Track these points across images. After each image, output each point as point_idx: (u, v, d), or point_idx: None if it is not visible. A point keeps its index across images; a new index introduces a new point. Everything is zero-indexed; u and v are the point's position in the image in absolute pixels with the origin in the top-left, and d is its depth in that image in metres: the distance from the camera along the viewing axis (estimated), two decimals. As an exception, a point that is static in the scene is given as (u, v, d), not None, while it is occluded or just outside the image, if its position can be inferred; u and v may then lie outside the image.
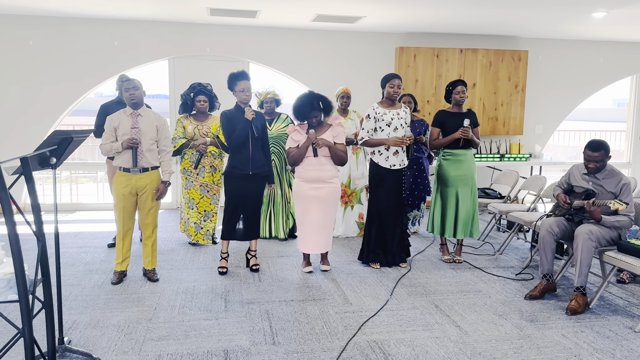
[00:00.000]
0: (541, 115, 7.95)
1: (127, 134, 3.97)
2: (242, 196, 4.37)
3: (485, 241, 5.69)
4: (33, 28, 6.58)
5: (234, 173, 4.33)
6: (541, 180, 5.40)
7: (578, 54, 7.90)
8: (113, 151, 3.97)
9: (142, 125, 4.01)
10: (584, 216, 3.93)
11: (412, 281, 4.35)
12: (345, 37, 7.29)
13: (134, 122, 3.99)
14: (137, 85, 3.99)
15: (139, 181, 4.03)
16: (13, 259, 1.86)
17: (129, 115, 4.01)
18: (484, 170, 7.69)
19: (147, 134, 4.01)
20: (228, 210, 4.40)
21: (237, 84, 4.26)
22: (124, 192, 4.02)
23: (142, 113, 4.04)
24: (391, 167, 4.58)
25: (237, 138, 4.24)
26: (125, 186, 4.01)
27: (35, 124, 6.68)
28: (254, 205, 4.44)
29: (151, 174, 4.07)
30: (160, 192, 4.10)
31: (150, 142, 4.03)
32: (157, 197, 4.10)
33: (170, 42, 6.87)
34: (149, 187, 4.06)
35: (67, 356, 2.93)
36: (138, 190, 4.05)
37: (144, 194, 4.07)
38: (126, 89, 3.98)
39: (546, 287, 4.00)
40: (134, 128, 3.98)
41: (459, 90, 4.64)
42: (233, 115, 4.31)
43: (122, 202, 4.04)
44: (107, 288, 4.08)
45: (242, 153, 4.32)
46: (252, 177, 4.35)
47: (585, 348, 3.17)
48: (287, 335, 3.28)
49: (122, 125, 3.98)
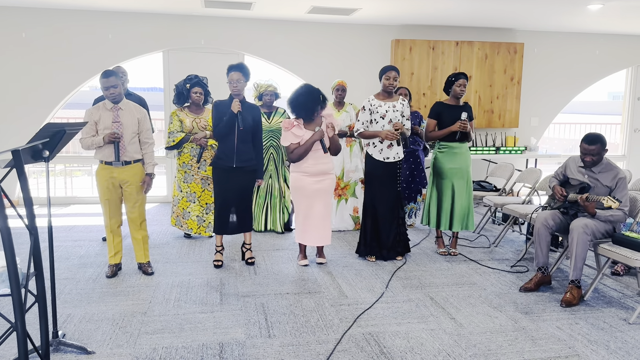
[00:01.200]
0: (537, 107, 7.96)
1: (108, 128, 3.93)
2: (230, 189, 4.34)
3: (480, 234, 5.70)
4: (26, 20, 6.51)
5: (219, 164, 4.31)
6: (536, 173, 5.41)
7: (574, 47, 7.89)
8: (94, 145, 3.93)
9: (124, 119, 3.96)
10: (578, 209, 3.94)
11: (408, 274, 4.36)
12: (341, 29, 7.25)
13: (115, 115, 3.94)
14: (117, 83, 3.89)
15: (121, 174, 3.99)
16: (5, 253, 1.85)
17: (109, 110, 3.96)
18: (479, 163, 7.69)
19: (128, 128, 3.97)
20: (217, 203, 4.38)
21: (229, 74, 4.24)
22: (107, 185, 3.99)
23: (123, 107, 3.98)
24: (385, 160, 4.56)
25: (222, 129, 4.22)
26: (107, 179, 3.98)
27: (28, 117, 6.63)
28: (242, 199, 4.40)
29: (134, 167, 4.03)
30: (147, 184, 4.08)
31: (132, 135, 3.98)
32: (145, 190, 4.08)
33: (164, 34, 6.82)
34: (132, 180, 4.03)
35: (62, 350, 2.92)
36: (121, 183, 4.02)
37: (128, 187, 4.04)
38: (106, 88, 3.88)
39: (541, 280, 4.01)
40: (116, 122, 3.93)
41: (461, 83, 4.62)
42: (224, 105, 4.28)
43: (105, 195, 4.01)
44: (101, 281, 4.07)
45: (226, 144, 4.28)
46: (236, 170, 4.31)
47: (580, 340, 3.19)
48: (283, 328, 3.28)
49: (103, 119, 3.93)
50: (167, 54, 6.97)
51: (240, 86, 4.24)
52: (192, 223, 5.22)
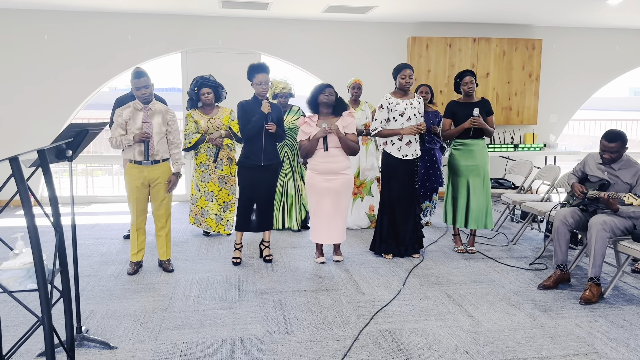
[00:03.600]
0: (556, 104, 7.87)
1: (138, 128, 4.02)
2: (255, 187, 4.41)
3: (498, 231, 5.68)
4: (48, 23, 6.65)
5: (247, 164, 4.37)
6: (555, 170, 5.36)
7: (593, 42, 7.79)
8: (124, 144, 4.02)
9: (153, 119, 4.05)
10: (598, 206, 3.90)
11: (425, 271, 4.36)
12: (357, 27, 7.26)
13: (145, 116, 4.04)
14: (148, 84, 4.01)
15: (150, 173, 4.08)
16: (32, 250, 1.90)
17: (139, 110, 4.05)
18: (498, 160, 7.64)
19: (157, 128, 4.06)
20: (242, 201, 4.44)
21: (255, 76, 4.28)
22: (137, 184, 4.08)
23: (153, 107, 4.08)
24: (403, 158, 4.57)
25: (252, 129, 4.27)
26: (137, 178, 4.07)
27: (50, 118, 6.77)
28: (267, 197, 4.48)
29: (162, 165, 4.13)
30: (172, 183, 4.16)
31: (160, 135, 4.08)
32: (169, 189, 4.16)
33: (183, 35, 6.90)
34: (160, 179, 4.12)
35: (85, 345, 2.99)
36: (150, 181, 4.11)
37: (156, 185, 4.13)
38: (137, 88, 3.99)
39: (560, 277, 3.98)
40: (146, 122, 4.03)
41: (467, 81, 4.62)
42: (250, 106, 4.33)
43: (135, 194, 4.10)
44: (123, 278, 4.15)
45: (254, 144, 4.35)
46: (264, 168, 4.38)
47: (599, 337, 3.17)
48: (301, 324, 3.32)
49: (133, 119, 4.03)
50: (185, 55, 7.06)
51: (267, 87, 4.31)
52: (211, 221, 5.29)
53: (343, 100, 4.43)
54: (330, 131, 4.24)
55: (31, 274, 1.96)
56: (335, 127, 4.25)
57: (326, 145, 4.28)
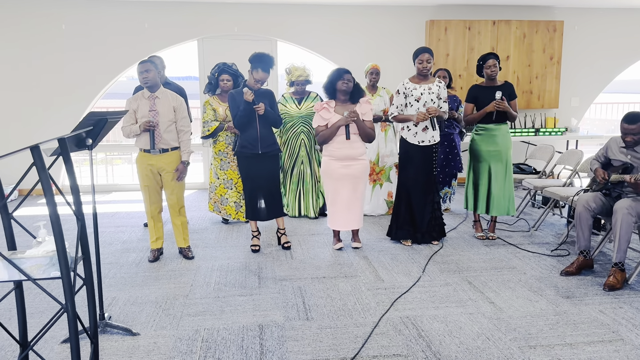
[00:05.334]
0: (577, 87, 7.71)
1: (145, 117, 4.02)
2: (257, 176, 4.39)
3: (519, 217, 5.60)
4: (65, 12, 6.68)
5: (244, 153, 4.35)
6: (578, 155, 5.26)
7: (616, 23, 7.58)
8: (132, 133, 4.04)
9: (160, 107, 4.04)
10: (622, 191, 3.82)
11: (445, 258, 4.33)
12: (374, 11, 7.17)
13: (152, 104, 4.03)
14: (149, 67, 3.99)
15: (159, 161, 4.09)
16: (55, 238, 1.92)
17: (146, 98, 4.05)
18: (519, 145, 7.52)
19: (164, 116, 4.05)
20: (246, 190, 4.44)
21: (255, 69, 4.21)
22: (146, 173, 4.10)
23: (159, 95, 4.07)
24: (420, 144, 4.52)
25: (242, 117, 4.24)
26: (146, 167, 4.09)
27: (69, 107, 6.83)
28: (270, 184, 4.45)
29: (171, 154, 4.12)
30: (180, 172, 4.14)
31: (167, 123, 4.06)
32: (177, 178, 4.14)
33: (199, 22, 6.88)
34: (169, 167, 4.12)
35: (108, 331, 3.03)
36: (159, 170, 4.12)
37: (165, 174, 4.13)
38: (139, 73, 4.00)
39: (583, 263, 3.92)
40: (152, 111, 4.02)
41: (490, 65, 4.53)
42: (239, 94, 4.28)
43: (145, 181, 4.13)
44: (144, 266, 4.19)
45: (249, 132, 4.31)
46: (262, 156, 4.35)
47: (624, 324, 3.11)
48: (320, 311, 3.32)
49: (141, 108, 4.04)
50: (201, 42, 7.04)
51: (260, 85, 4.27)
52: (230, 209, 5.31)
53: (360, 86, 4.38)
54: (353, 119, 4.20)
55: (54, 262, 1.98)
56: (357, 114, 4.21)
57: (348, 133, 4.25)
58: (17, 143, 6.75)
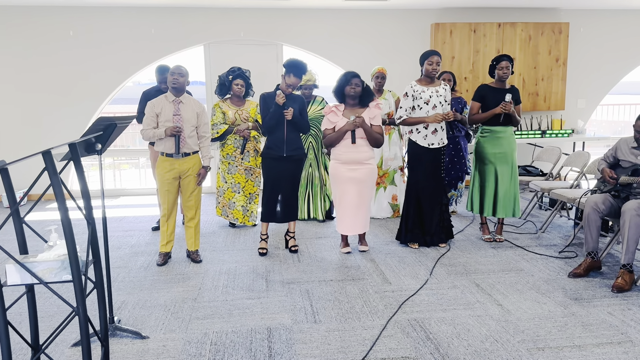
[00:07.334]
0: (584, 89, 7.69)
1: (169, 121, 4.06)
2: (279, 178, 4.42)
3: (526, 220, 5.59)
4: (73, 19, 6.75)
5: (270, 154, 4.39)
6: (584, 156, 5.25)
7: (622, 25, 7.57)
8: (155, 137, 4.07)
9: (184, 113, 4.09)
10: (630, 192, 3.81)
11: (452, 261, 4.33)
12: (379, 15, 7.19)
13: (176, 109, 4.08)
14: (183, 72, 4.10)
15: (181, 165, 4.13)
16: (66, 242, 1.94)
17: (170, 102, 4.10)
18: (525, 147, 7.51)
19: (188, 121, 4.10)
20: (266, 192, 4.46)
21: (289, 74, 4.29)
22: (168, 177, 4.13)
23: (184, 100, 4.13)
24: (429, 146, 4.53)
25: (270, 120, 4.30)
26: (169, 170, 4.12)
27: (76, 113, 6.89)
28: (290, 187, 4.49)
29: (192, 157, 4.18)
30: (202, 176, 4.22)
31: (191, 128, 4.13)
32: (198, 182, 4.21)
33: (205, 28, 6.93)
34: (191, 171, 4.18)
35: (118, 335, 3.05)
36: (181, 173, 4.16)
37: (186, 177, 4.18)
38: (172, 73, 4.08)
39: (591, 265, 3.91)
40: (176, 115, 4.07)
41: (503, 66, 4.53)
42: (271, 98, 4.35)
43: (165, 186, 4.15)
44: (152, 269, 4.22)
45: (276, 135, 4.37)
46: (287, 158, 4.40)
47: (633, 326, 3.10)
48: (328, 313, 3.33)
49: (164, 112, 4.08)
50: (207, 47, 7.09)
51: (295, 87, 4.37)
52: (238, 213, 5.33)
53: (370, 89, 4.38)
54: (358, 126, 4.22)
55: (66, 266, 2.00)
56: (362, 120, 4.22)
57: (354, 138, 4.27)
58: (26, 148, 6.81)
